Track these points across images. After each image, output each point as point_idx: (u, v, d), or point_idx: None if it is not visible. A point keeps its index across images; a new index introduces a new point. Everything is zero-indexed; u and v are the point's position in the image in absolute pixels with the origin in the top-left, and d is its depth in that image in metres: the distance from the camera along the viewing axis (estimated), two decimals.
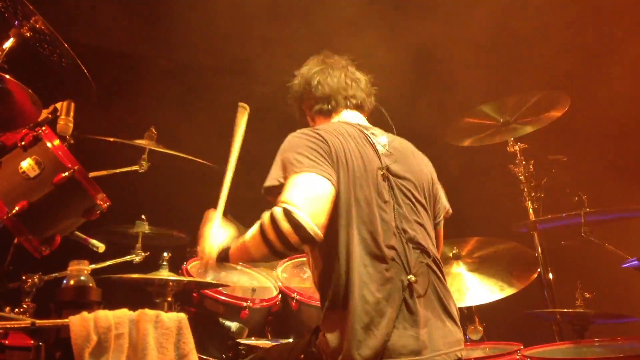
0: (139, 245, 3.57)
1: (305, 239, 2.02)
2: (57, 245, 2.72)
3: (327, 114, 2.48)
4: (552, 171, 3.95)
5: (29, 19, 2.63)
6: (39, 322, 2.23)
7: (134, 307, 2.38)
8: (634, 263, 3.25)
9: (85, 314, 2.25)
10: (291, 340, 3.36)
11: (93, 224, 2.87)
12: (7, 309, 2.63)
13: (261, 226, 2.07)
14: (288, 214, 2.01)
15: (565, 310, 3.43)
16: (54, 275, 2.92)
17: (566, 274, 3.71)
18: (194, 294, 3.39)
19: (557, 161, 3.97)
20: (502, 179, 4.10)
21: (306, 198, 2.05)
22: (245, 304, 3.38)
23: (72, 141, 2.82)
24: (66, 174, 2.60)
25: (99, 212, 2.77)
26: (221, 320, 3.37)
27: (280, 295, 3.62)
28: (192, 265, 3.57)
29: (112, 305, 2.44)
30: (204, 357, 3.13)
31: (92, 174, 2.80)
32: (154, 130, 3.73)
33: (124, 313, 2.31)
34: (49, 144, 2.64)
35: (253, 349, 3.21)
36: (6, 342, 2.27)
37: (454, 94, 4.76)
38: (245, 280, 3.73)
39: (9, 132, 2.67)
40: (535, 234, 3.90)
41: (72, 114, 2.78)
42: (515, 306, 3.56)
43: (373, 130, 2.40)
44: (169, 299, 3.09)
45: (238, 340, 3.30)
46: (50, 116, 2.73)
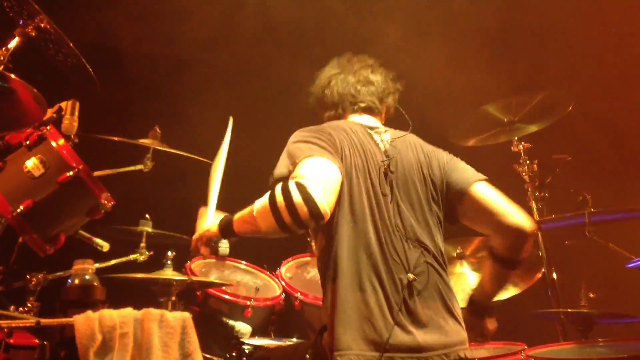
0: (143, 244, 3.58)
1: (314, 214, 1.99)
2: (62, 244, 2.73)
3: (336, 119, 2.50)
4: (556, 171, 3.94)
5: (34, 18, 2.64)
6: (43, 321, 2.24)
7: (138, 306, 2.38)
8: (638, 263, 3.24)
9: (89, 313, 2.26)
10: (295, 340, 3.37)
11: (97, 223, 2.88)
12: (12, 308, 2.63)
13: (271, 196, 2.04)
14: (300, 186, 2.00)
15: (569, 310, 3.42)
16: (58, 274, 2.92)
17: (570, 273, 3.70)
18: (198, 293, 3.40)
19: (561, 161, 3.96)
20: (506, 178, 4.08)
21: (318, 176, 2.06)
22: (248, 302, 3.39)
23: (76, 140, 2.82)
24: (71, 173, 2.60)
25: (103, 211, 2.77)
26: (225, 319, 3.37)
27: (284, 295, 3.63)
28: (196, 264, 3.57)
29: (116, 304, 2.45)
30: (208, 356, 3.13)
31: (96, 173, 2.82)
32: (158, 130, 3.74)
33: (128, 312, 2.32)
34: (53, 143, 2.64)
35: (257, 348, 3.21)
36: (11, 341, 2.27)
37: (457, 94, 4.75)
38: (248, 279, 3.74)
39: (14, 131, 2.68)
40: (540, 233, 3.89)
41: (76, 113, 2.78)
42: (519, 306, 3.55)
43: (378, 129, 2.41)
44: (173, 298, 3.10)
45: (242, 340, 3.30)
46: (55, 115, 2.74)
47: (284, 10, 4.56)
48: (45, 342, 2.24)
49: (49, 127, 2.68)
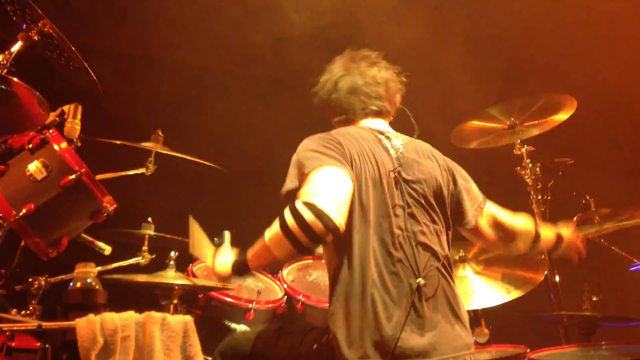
0: (145, 248, 3.57)
1: (329, 227, 1.99)
2: (64, 247, 2.74)
3: (347, 124, 2.49)
4: (558, 174, 3.93)
5: (37, 22, 2.65)
6: (45, 324, 2.23)
7: (140, 310, 2.38)
8: None
9: (91, 316, 2.25)
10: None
11: (100, 226, 2.88)
12: (14, 311, 2.64)
13: (282, 222, 2.04)
14: (309, 205, 2.00)
15: (572, 313, 3.42)
16: (60, 277, 2.92)
17: (573, 277, 3.68)
18: (200, 296, 3.39)
19: (563, 164, 3.95)
20: (509, 181, 4.08)
21: (328, 189, 2.06)
22: (250, 305, 3.38)
23: (79, 144, 2.83)
24: (73, 176, 2.61)
25: (105, 214, 2.78)
26: (227, 322, 3.37)
27: (286, 298, 3.62)
28: (198, 268, 3.57)
29: (118, 307, 2.44)
30: (210, 359, 3.13)
31: (98, 177, 2.81)
32: (160, 133, 3.74)
33: (130, 315, 2.31)
34: (56, 147, 2.65)
35: None
36: (13, 344, 2.27)
37: (460, 96, 4.75)
38: (250, 282, 3.74)
39: (17, 134, 2.69)
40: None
41: (79, 116, 2.80)
42: (522, 309, 3.54)
43: (388, 134, 2.40)
44: (175, 301, 3.09)
45: None
46: (57, 119, 2.75)
47: (292, 20, 4.57)
48: (47, 346, 2.24)
49: (51, 131, 2.69)
